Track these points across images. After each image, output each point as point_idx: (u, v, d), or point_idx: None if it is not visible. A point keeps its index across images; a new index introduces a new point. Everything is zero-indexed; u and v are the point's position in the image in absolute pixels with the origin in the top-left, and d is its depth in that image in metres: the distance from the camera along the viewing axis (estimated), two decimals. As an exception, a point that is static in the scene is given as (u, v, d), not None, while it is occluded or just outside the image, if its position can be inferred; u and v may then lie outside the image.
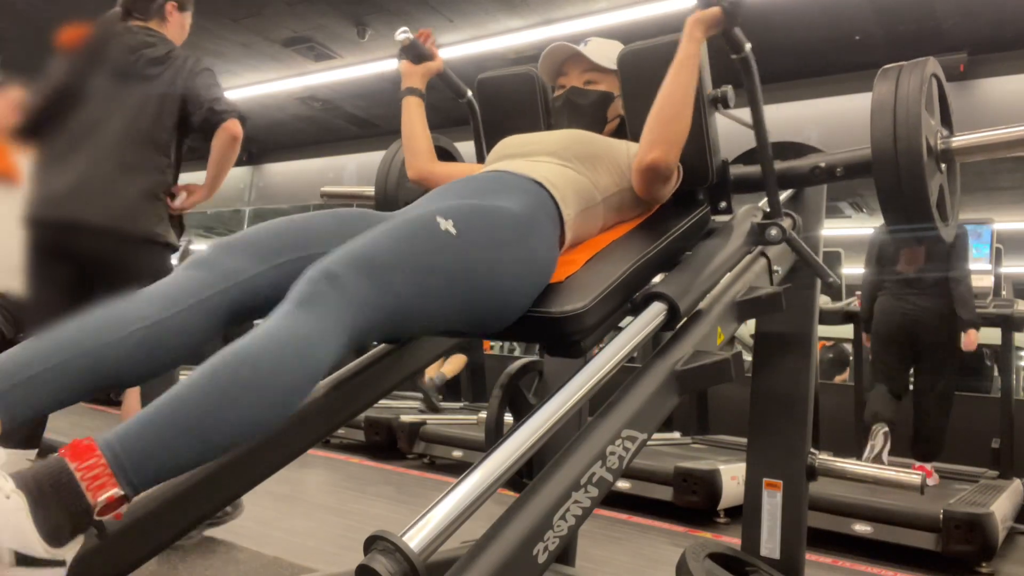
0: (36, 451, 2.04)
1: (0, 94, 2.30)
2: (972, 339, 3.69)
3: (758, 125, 1.49)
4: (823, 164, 1.59)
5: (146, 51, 2.23)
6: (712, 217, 1.56)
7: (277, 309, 0.93)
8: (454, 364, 5.15)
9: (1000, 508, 2.94)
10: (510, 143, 1.55)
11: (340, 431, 4.27)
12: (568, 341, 1.14)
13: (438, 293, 1.05)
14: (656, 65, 1.43)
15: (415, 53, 1.69)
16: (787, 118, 5.58)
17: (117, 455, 0.80)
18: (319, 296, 0.93)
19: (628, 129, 1.58)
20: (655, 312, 1.18)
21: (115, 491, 0.79)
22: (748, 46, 1.42)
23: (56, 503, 0.78)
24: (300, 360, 0.89)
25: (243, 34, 5.85)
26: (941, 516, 2.76)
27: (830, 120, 5.50)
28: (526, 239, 1.18)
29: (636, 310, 1.21)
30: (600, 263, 1.29)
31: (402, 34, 1.67)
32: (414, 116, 1.71)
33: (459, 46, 5.59)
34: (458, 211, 1.12)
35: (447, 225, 1.08)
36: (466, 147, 1.97)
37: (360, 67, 6.30)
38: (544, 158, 1.43)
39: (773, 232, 1.45)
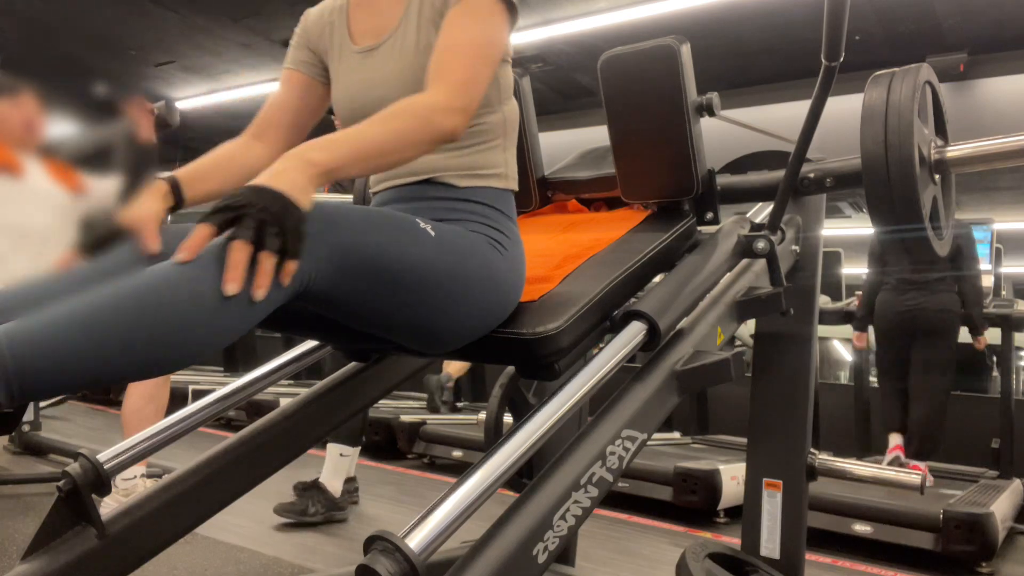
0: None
1: (16, 104, 2.28)
2: (982, 343, 3.74)
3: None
4: (812, 175, 1.56)
5: None
6: (698, 228, 1.51)
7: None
8: (458, 363, 4.86)
9: (1000, 508, 2.94)
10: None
11: (340, 431, 4.24)
12: (541, 363, 1.09)
13: (396, 283, 0.99)
14: (638, 71, 1.42)
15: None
16: (787, 118, 5.57)
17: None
18: None
19: (611, 137, 1.52)
20: (634, 332, 1.13)
21: None
22: None
23: None
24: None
25: (243, 34, 5.84)
26: (941, 516, 2.76)
27: (831, 120, 5.48)
28: (489, 259, 1.12)
29: (615, 329, 1.16)
30: (576, 280, 1.23)
31: None
32: None
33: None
34: (433, 223, 1.08)
35: (427, 226, 1.06)
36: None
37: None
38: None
39: (760, 245, 1.41)
